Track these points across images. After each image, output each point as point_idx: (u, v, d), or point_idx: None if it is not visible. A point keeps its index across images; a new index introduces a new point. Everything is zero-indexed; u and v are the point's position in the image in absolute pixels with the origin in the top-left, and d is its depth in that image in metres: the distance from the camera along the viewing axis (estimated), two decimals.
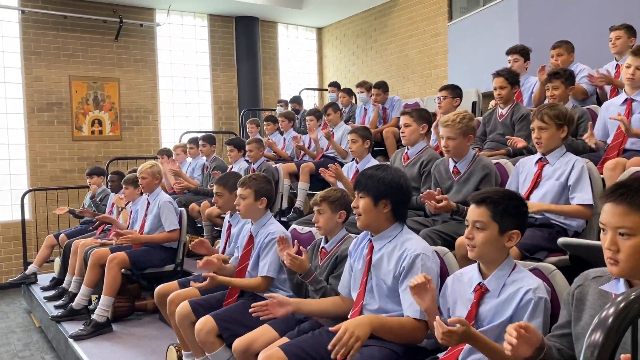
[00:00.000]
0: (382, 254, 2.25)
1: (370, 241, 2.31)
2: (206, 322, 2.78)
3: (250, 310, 2.37)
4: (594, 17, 5.73)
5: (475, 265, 1.99)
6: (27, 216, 7.21)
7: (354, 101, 7.41)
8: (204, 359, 2.95)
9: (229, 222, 3.74)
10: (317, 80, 10.79)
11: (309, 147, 6.11)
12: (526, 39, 5.77)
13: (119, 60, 8.73)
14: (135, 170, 5.27)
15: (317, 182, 5.76)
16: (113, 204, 5.73)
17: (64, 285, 5.41)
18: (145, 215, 4.68)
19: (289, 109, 7.96)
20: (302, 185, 5.46)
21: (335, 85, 7.83)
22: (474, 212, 1.91)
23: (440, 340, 1.68)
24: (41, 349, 4.98)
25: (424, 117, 3.66)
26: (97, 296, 4.69)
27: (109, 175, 6.14)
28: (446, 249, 2.36)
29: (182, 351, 3.30)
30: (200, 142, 6.18)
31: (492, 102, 4.62)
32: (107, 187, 6.28)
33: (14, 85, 8.03)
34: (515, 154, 3.81)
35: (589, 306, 1.55)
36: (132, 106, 8.83)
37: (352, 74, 9.89)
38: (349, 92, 7.22)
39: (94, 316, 4.27)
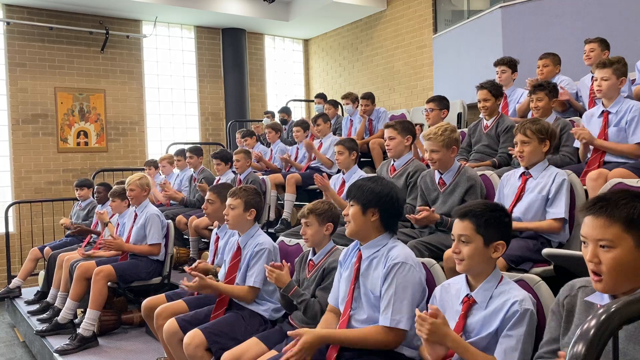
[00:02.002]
0: (370, 262, 2.27)
1: (359, 250, 2.33)
2: (194, 336, 2.77)
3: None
4: (575, 30, 5.85)
5: (462, 276, 2.01)
6: (11, 229, 7.13)
7: (339, 112, 7.46)
8: None
9: (216, 234, 3.74)
10: (304, 92, 10.85)
11: (295, 159, 6.14)
12: (509, 51, 5.88)
13: (105, 72, 8.71)
14: (122, 183, 5.26)
15: (304, 192, 5.80)
16: (97, 221, 5.69)
17: (48, 299, 5.34)
18: (132, 227, 4.66)
19: (278, 118, 7.99)
20: (289, 197, 5.48)
21: (321, 96, 7.88)
22: (458, 226, 1.95)
23: (416, 328, 1.78)
24: None
25: (408, 129, 3.70)
26: (82, 310, 4.65)
27: (95, 187, 6.10)
28: (433, 261, 2.39)
29: None
30: (187, 154, 6.17)
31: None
32: (93, 198, 6.23)
33: None
34: (500, 165, 3.87)
35: (576, 317, 1.57)
36: (118, 118, 8.80)
37: (339, 85, 9.96)
38: (334, 104, 7.27)
39: (79, 330, 4.22)
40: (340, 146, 4.15)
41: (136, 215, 4.68)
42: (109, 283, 4.33)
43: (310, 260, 2.81)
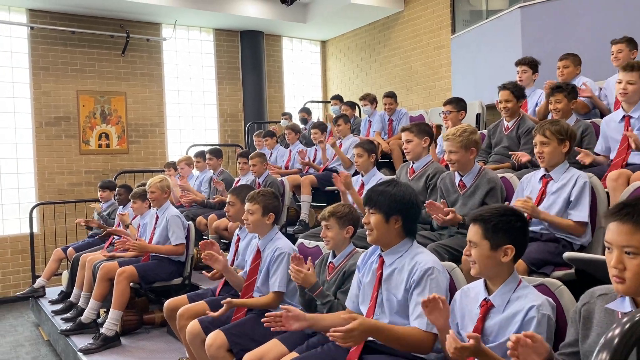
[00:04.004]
0: (393, 268, 2.28)
1: (381, 256, 2.34)
2: (216, 337, 2.81)
3: (262, 320, 2.34)
4: (596, 30, 5.78)
5: (481, 280, 2.03)
6: (35, 229, 7.27)
7: (357, 114, 7.47)
8: None
9: (237, 235, 3.78)
10: (321, 93, 10.87)
11: (314, 160, 6.16)
12: (529, 51, 5.81)
13: (126, 75, 8.83)
14: (143, 184, 5.32)
15: (322, 194, 5.83)
16: (119, 222, 5.77)
17: (71, 299, 5.44)
18: (154, 229, 4.73)
19: (298, 118, 8.03)
20: (305, 198, 5.52)
21: (338, 98, 7.89)
22: (469, 231, 2.00)
23: (450, 354, 1.72)
24: None
25: (425, 131, 3.71)
26: (105, 310, 4.73)
27: (117, 189, 6.19)
28: (453, 264, 2.39)
29: None
30: (207, 156, 6.23)
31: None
32: (114, 200, 6.33)
33: (22, 100, 8.13)
34: (519, 168, 3.85)
35: (595, 324, 1.57)
36: (138, 120, 8.92)
37: (356, 86, 9.96)
38: (351, 105, 7.29)
39: (102, 330, 4.29)
40: (359, 148, 4.16)
41: (157, 217, 4.74)
42: (131, 283, 4.40)
43: (330, 262, 2.84)
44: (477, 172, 3.16)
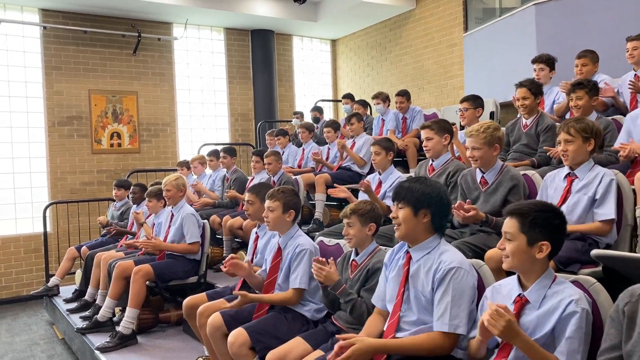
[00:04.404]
0: (419, 265, 2.25)
1: (408, 252, 2.32)
2: (239, 335, 2.79)
3: (328, 358, 2.11)
4: (612, 27, 5.72)
5: (514, 277, 2.01)
6: (48, 229, 7.28)
7: (369, 112, 7.44)
8: None
9: (256, 233, 3.76)
10: (332, 92, 10.85)
11: (327, 159, 6.14)
12: (543, 49, 5.76)
13: (137, 74, 8.84)
14: (157, 183, 5.33)
15: None
16: (133, 221, 5.77)
17: (86, 297, 5.45)
18: (169, 227, 4.72)
19: (310, 117, 8.00)
20: (320, 197, 5.49)
21: (349, 97, 7.87)
22: (506, 224, 1.98)
23: (485, 322, 1.76)
24: None
25: (445, 128, 3.68)
26: (121, 308, 4.73)
27: (131, 188, 6.19)
28: (482, 262, 2.36)
29: None
30: (221, 154, 6.22)
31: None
32: (128, 199, 6.33)
33: (35, 100, 8.16)
34: (540, 165, 3.82)
35: (639, 323, 1.54)
36: (150, 119, 8.93)
37: (367, 84, 9.93)
38: (363, 104, 7.26)
39: (119, 328, 4.29)
40: (377, 146, 4.14)
41: (172, 215, 4.74)
42: (147, 282, 4.40)
43: (353, 260, 2.81)
44: (499, 169, 3.13)
